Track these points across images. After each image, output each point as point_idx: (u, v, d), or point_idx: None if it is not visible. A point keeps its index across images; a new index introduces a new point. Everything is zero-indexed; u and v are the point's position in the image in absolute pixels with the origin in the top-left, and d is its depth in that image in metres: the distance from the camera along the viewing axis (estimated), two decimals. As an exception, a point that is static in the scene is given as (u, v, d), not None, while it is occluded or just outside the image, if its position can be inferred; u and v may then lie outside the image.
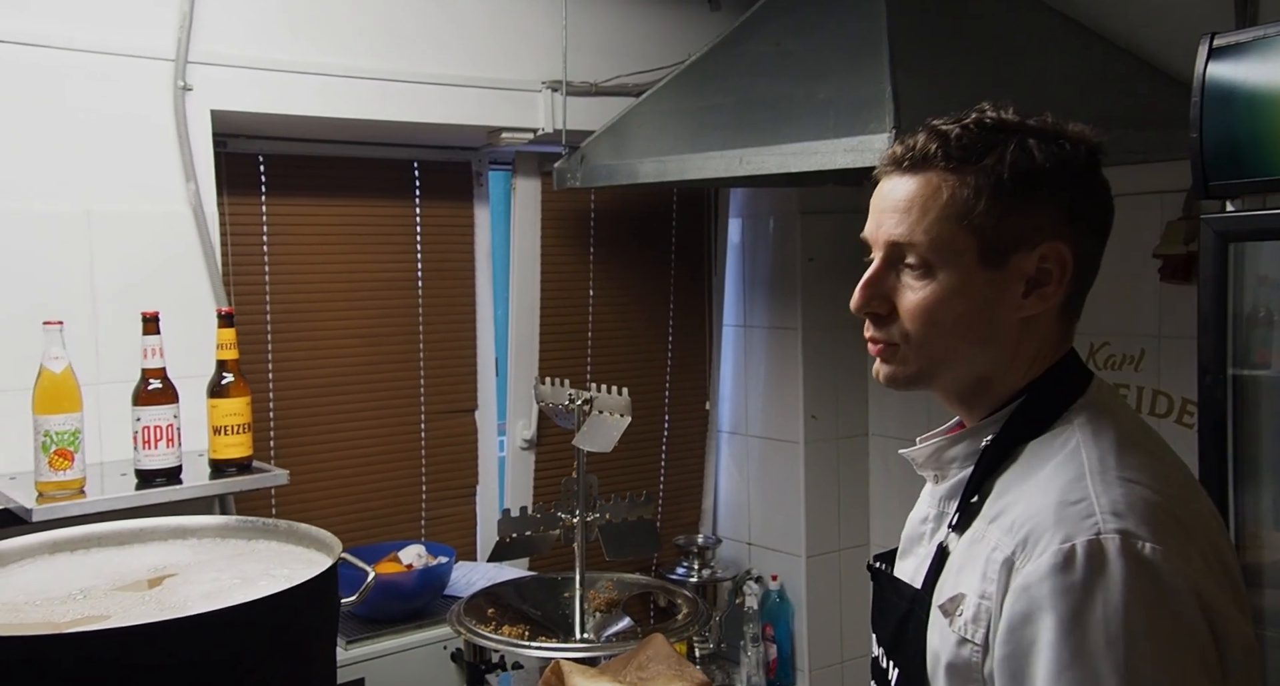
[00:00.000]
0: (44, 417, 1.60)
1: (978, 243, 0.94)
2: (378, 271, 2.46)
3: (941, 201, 0.94)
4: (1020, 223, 0.94)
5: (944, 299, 0.95)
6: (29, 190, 1.79)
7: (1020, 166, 0.93)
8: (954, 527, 0.98)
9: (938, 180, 0.94)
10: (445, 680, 2.28)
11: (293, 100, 2.07)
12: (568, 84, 2.41)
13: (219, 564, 1.24)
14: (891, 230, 0.97)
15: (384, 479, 2.50)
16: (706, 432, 3.02)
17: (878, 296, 0.99)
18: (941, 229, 0.94)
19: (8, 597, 1.09)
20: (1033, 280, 0.95)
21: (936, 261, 0.95)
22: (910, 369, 0.99)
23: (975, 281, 0.94)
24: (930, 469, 1.05)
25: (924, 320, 0.96)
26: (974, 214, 0.93)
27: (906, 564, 1.08)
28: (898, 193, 0.97)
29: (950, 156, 0.94)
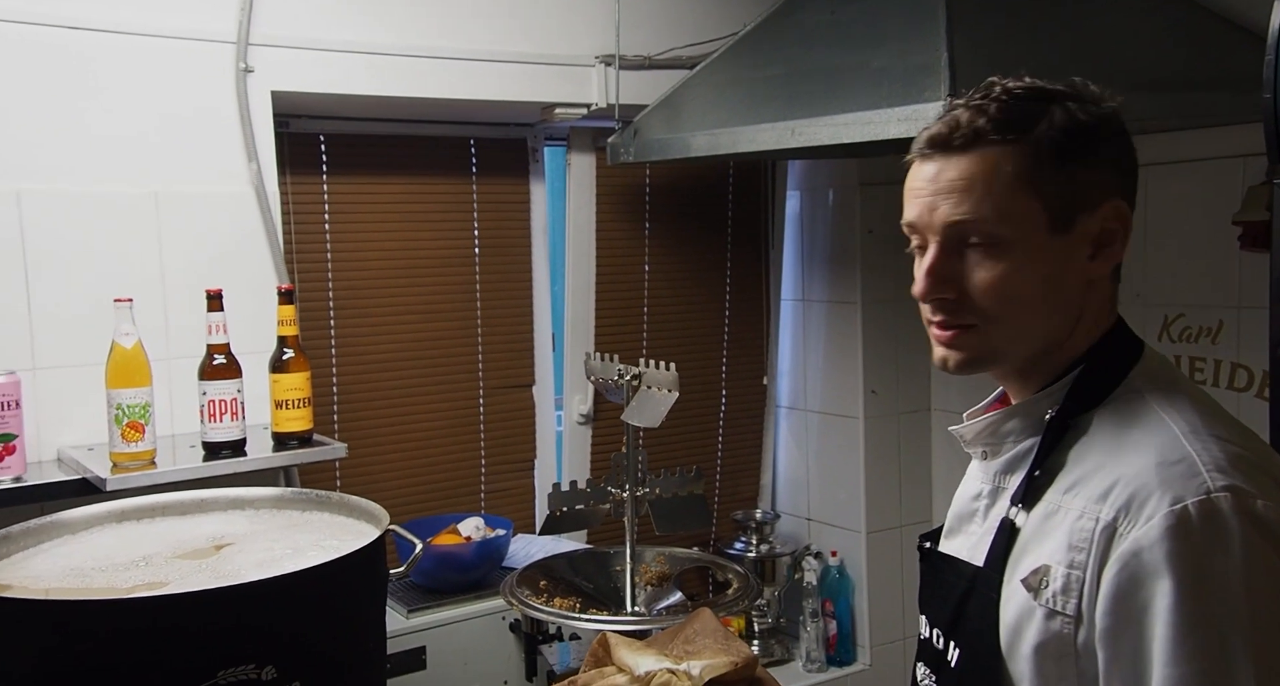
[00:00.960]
0: (116, 391, 1.67)
1: (1045, 210, 0.93)
2: (436, 248, 2.50)
3: (1005, 174, 0.92)
4: (1082, 184, 0.93)
5: (1020, 272, 0.93)
6: (100, 173, 1.86)
7: (1072, 128, 0.93)
8: (1019, 502, 0.96)
9: (995, 154, 0.93)
10: (504, 649, 2.33)
11: (351, 80, 2.11)
12: (621, 58, 2.40)
13: (273, 534, 1.28)
14: (952, 211, 0.94)
15: (444, 452, 2.55)
16: (765, 408, 3.00)
17: (946, 281, 0.96)
18: (1009, 201, 0.92)
19: (76, 563, 1.15)
20: (1097, 241, 0.95)
21: (1008, 235, 0.93)
22: (983, 350, 0.97)
23: (1047, 249, 0.93)
24: (980, 445, 1.03)
25: (1002, 296, 0.94)
26: (1039, 181, 0.92)
27: (957, 542, 1.06)
28: (951, 173, 0.95)
29: (1001, 128, 0.93)
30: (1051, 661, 0.91)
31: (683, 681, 1.38)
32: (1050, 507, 0.94)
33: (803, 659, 2.70)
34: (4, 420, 1.60)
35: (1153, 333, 2.29)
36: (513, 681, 2.33)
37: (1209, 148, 2.19)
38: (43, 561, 1.15)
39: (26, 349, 1.78)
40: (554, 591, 1.96)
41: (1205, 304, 2.24)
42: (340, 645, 1.14)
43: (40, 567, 1.13)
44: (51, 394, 1.80)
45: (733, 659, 1.46)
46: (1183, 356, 2.27)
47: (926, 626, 1.07)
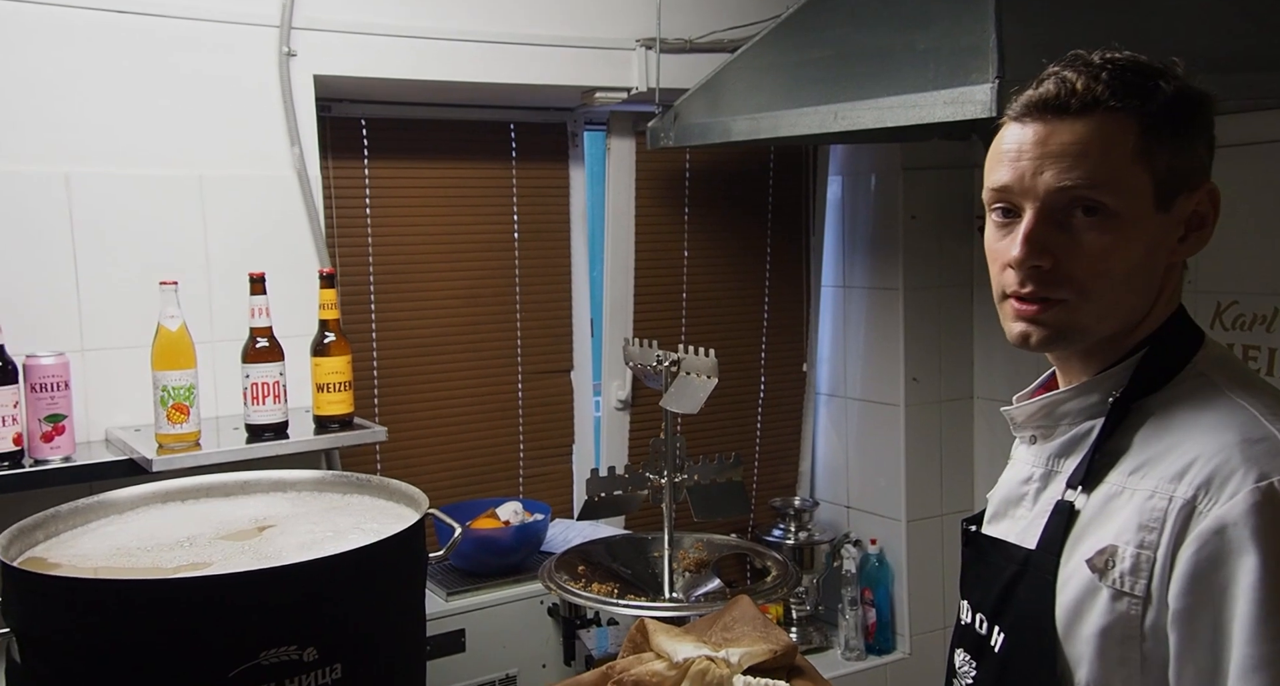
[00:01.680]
0: (161, 373, 1.69)
1: (1154, 184, 0.90)
2: (476, 233, 2.50)
3: (1124, 142, 0.90)
4: (1187, 162, 0.92)
5: (1125, 245, 0.91)
6: (145, 156, 1.88)
7: (1180, 105, 0.91)
8: (1077, 484, 0.94)
9: (1113, 122, 0.90)
10: (542, 633, 2.34)
11: (392, 64, 2.11)
12: (662, 41, 2.38)
13: (314, 516, 1.29)
14: (1063, 175, 0.90)
15: (483, 437, 2.56)
16: (804, 395, 2.98)
17: (1042, 249, 0.92)
18: (1124, 171, 0.90)
19: (122, 543, 1.17)
20: (1190, 223, 0.93)
21: (1117, 206, 0.90)
22: (1073, 324, 0.93)
23: (1149, 226, 0.91)
24: (1032, 428, 1.01)
25: (1104, 269, 0.91)
26: (1153, 154, 0.90)
27: (1003, 526, 1.04)
28: (1064, 137, 0.91)
29: (1121, 95, 0.90)
30: (1115, 644, 0.88)
31: (721, 668, 1.38)
32: (1113, 489, 0.92)
33: (841, 647, 2.69)
34: (53, 400, 1.63)
35: (1205, 319, 2.23)
36: (551, 665, 2.34)
37: (1265, 130, 2.13)
38: (90, 541, 1.17)
39: (75, 330, 1.81)
40: (592, 576, 1.97)
41: (1259, 291, 2.18)
42: (381, 627, 1.15)
43: (88, 547, 1.15)
44: (100, 375, 1.83)
45: (772, 646, 1.45)
46: (1235, 344, 2.21)
47: (968, 611, 1.05)
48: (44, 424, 1.63)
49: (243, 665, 1.02)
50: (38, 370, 1.63)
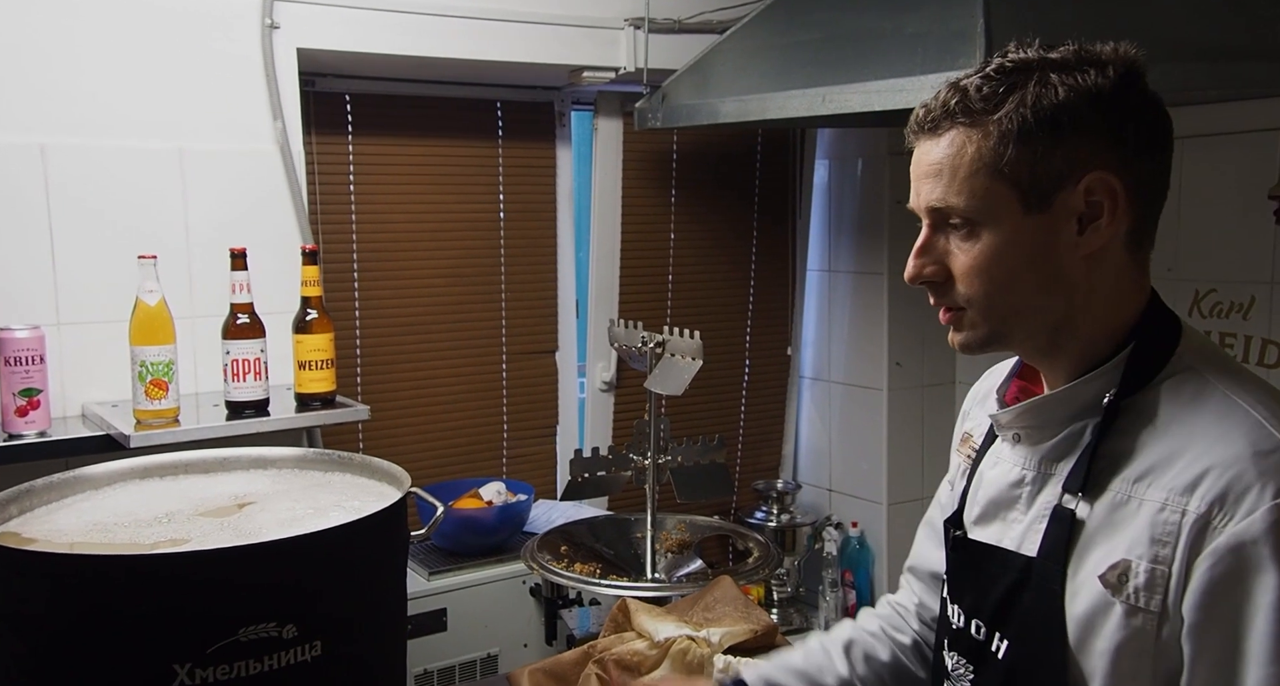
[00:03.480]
0: (140, 348, 1.67)
1: (1016, 191, 0.90)
2: (461, 211, 2.48)
3: (969, 158, 0.91)
4: (1056, 161, 0.89)
5: (995, 255, 0.91)
6: (125, 128, 1.85)
7: (1043, 104, 0.89)
8: (1077, 491, 0.92)
9: (961, 137, 0.91)
10: (524, 613, 2.34)
11: (377, 39, 2.08)
12: (650, 21, 2.36)
13: (295, 494, 1.28)
14: (929, 196, 0.94)
15: (467, 417, 2.56)
16: (788, 378, 2.98)
17: (931, 263, 0.96)
18: (975, 185, 0.91)
19: (99, 518, 1.16)
20: (1084, 215, 0.91)
21: (979, 219, 0.91)
22: (980, 332, 0.96)
23: (1025, 230, 0.91)
24: (1018, 427, 0.99)
25: (980, 280, 0.93)
26: (1005, 163, 0.89)
27: (993, 529, 1.02)
28: (928, 157, 0.94)
29: (970, 109, 0.90)
30: (1129, 658, 0.88)
31: (702, 648, 1.38)
32: (1118, 497, 0.90)
33: (821, 627, 2.71)
34: (28, 374, 1.61)
35: (1184, 307, 2.25)
36: (532, 644, 2.34)
37: (1246, 120, 2.14)
38: (66, 516, 1.16)
39: (51, 304, 1.79)
40: (575, 556, 1.97)
41: (1238, 279, 2.20)
42: (361, 605, 1.14)
43: (64, 522, 1.14)
44: (76, 349, 1.81)
45: (752, 627, 1.45)
46: (1213, 332, 2.23)
47: (960, 615, 1.03)
48: (18, 398, 1.61)
49: (221, 641, 1.01)
50: (12, 343, 1.61)
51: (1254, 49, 1.87)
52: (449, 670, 2.28)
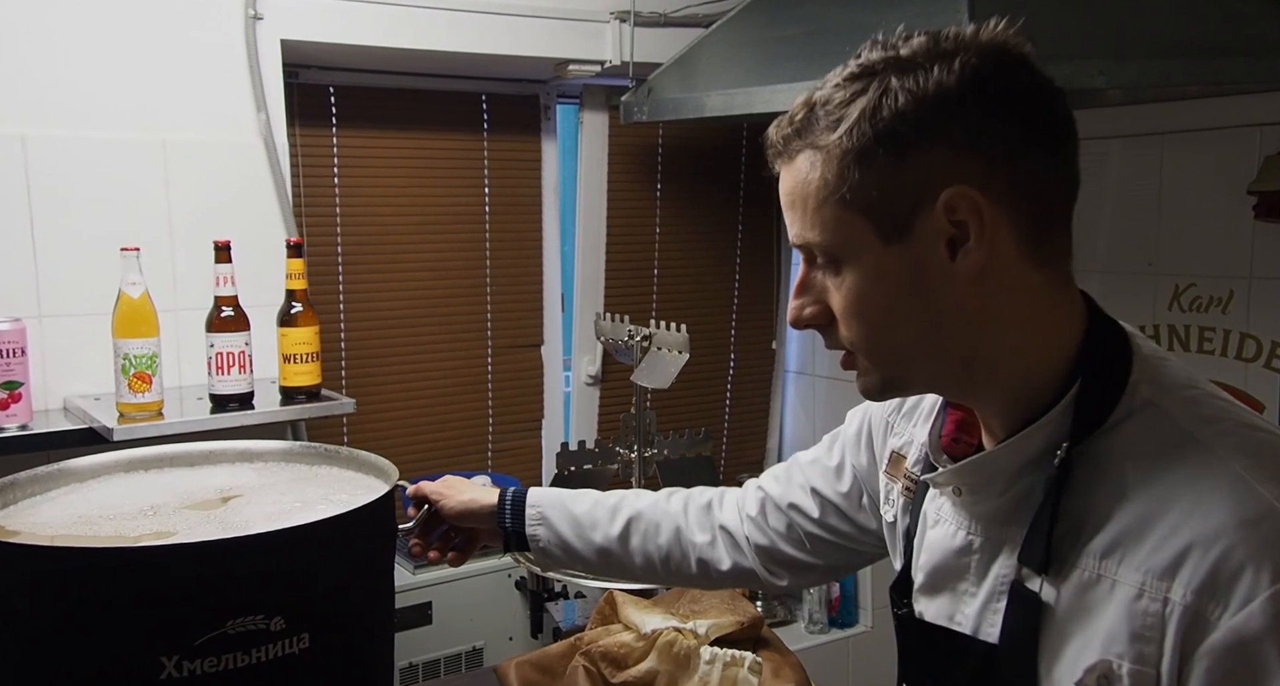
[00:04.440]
0: (123, 341, 1.66)
1: (868, 219, 0.77)
2: (446, 204, 2.47)
3: (814, 186, 0.78)
4: (903, 181, 0.76)
5: (864, 292, 0.79)
6: (107, 119, 1.84)
7: (881, 116, 0.75)
8: (1036, 566, 0.79)
9: (806, 163, 0.79)
10: (509, 606, 2.35)
11: (362, 30, 2.07)
12: (636, 14, 2.36)
13: (282, 487, 1.28)
14: (790, 232, 0.83)
15: (452, 411, 2.55)
16: (773, 372, 2.99)
17: (812, 304, 0.83)
18: (826, 217, 0.78)
19: (84, 511, 1.15)
20: (954, 237, 0.77)
21: (839, 254, 0.79)
22: (874, 378, 0.84)
23: (887, 262, 0.78)
24: (958, 482, 0.85)
25: (855, 321, 0.80)
26: (850, 189, 0.77)
27: (942, 603, 0.88)
28: (784, 185, 0.82)
29: (812, 129, 0.79)
30: None
31: (689, 639, 1.39)
32: (1087, 576, 0.76)
33: (805, 620, 2.72)
34: (9, 367, 1.60)
35: (1163, 302, 2.27)
36: (517, 637, 2.35)
37: (1225, 116, 2.16)
38: (49, 509, 1.15)
39: (32, 296, 1.77)
40: (560, 550, 1.97)
41: (1216, 273, 2.22)
42: (349, 598, 1.14)
43: (47, 515, 1.13)
44: (58, 342, 1.79)
45: (739, 618, 1.46)
46: (1192, 326, 2.25)
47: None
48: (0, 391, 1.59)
49: (208, 634, 1.00)
50: (-6, 336, 1.60)
51: (1234, 44, 1.89)
52: (434, 663, 2.28)
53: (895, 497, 1.01)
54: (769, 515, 1.19)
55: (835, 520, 1.14)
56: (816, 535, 1.16)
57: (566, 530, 1.24)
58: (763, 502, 1.20)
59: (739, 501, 1.23)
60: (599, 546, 1.23)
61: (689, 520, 1.22)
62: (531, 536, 1.26)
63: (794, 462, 1.20)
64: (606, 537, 1.22)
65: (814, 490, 1.15)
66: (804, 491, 1.16)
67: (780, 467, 1.22)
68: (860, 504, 1.12)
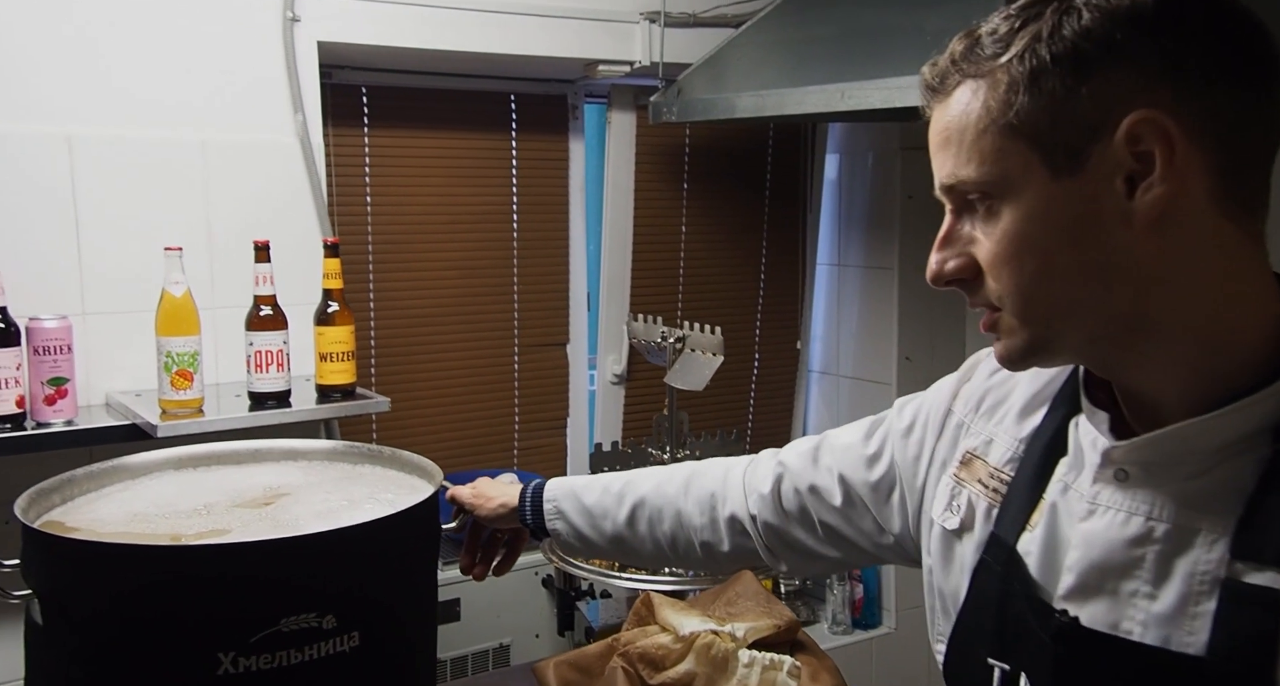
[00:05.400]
0: (166, 339, 1.68)
1: (1037, 149, 0.70)
2: (474, 203, 2.49)
3: (973, 116, 0.72)
4: (1080, 106, 0.69)
5: (1022, 233, 0.72)
6: (151, 119, 1.86)
7: (1061, 36, 0.69)
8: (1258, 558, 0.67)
9: (966, 93, 0.73)
10: (536, 604, 2.36)
11: (397, 32, 2.09)
12: (666, 15, 2.37)
13: (327, 486, 1.29)
14: (940, 170, 0.76)
15: (479, 408, 2.57)
16: (797, 372, 3.00)
17: (955, 256, 0.77)
18: (983, 148, 0.72)
19: (139, 509, 1.17)
20: (1134, 172, 0.69)
21: (996, 190, 0.72)
22: (1019, 339, 0.75)
23: (1054, 199, 0.71)
24: (1134, 461, 0.75)
25: (1008, 269, 0.73)
26: (1014, 114, 0.70)
27: (1107, 607, 0.75)
28: (937, 123, 0.76)
29: (973, 58, 0.73)
30: None
31: (726, 642, 1.40)
32: None
33: (829, 621, 2.73)
34: (56, 363, 1.62)
35: None
36: (544, 635, 2.37)
37: None
38: (106, 506, 1.17)
39: (76, 294, 1.79)
40: (591, 549, 1.98)
41: None
42: (397, 596, 1.16)
43: (104, 512, 1.15)
44: (100, 339, 1.82)
45: (776, 621, 1.47)
46: None
47: None
48: (46, 387, 1.62)
49: (264, 631, 1.02)
50: (41, 333, 1.62)
51: None
52: (462, 659, 2.30)
53: (964, 503, 0.90)
54: (784, 495, 1.13)
55: (856, 511, 1.07)
56: (831, 525, 1.09)
57: (580, 522, 1.26)
58: (779, 480, 1.13)
59: (747, 478, 1.18)
60: (611, 535, 1.24)
61: (689, 504, 1.20)
62: (552, 530, 1.28)
63: (825, 443, 1.12)
64: (616, 525, 1.23)
65: (841, 476, 1.07)
66: (830, 475, 1.09)
67: (807, 444, 1.14)
68: (889, 499, 1.04)
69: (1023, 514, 0.83)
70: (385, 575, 1.14)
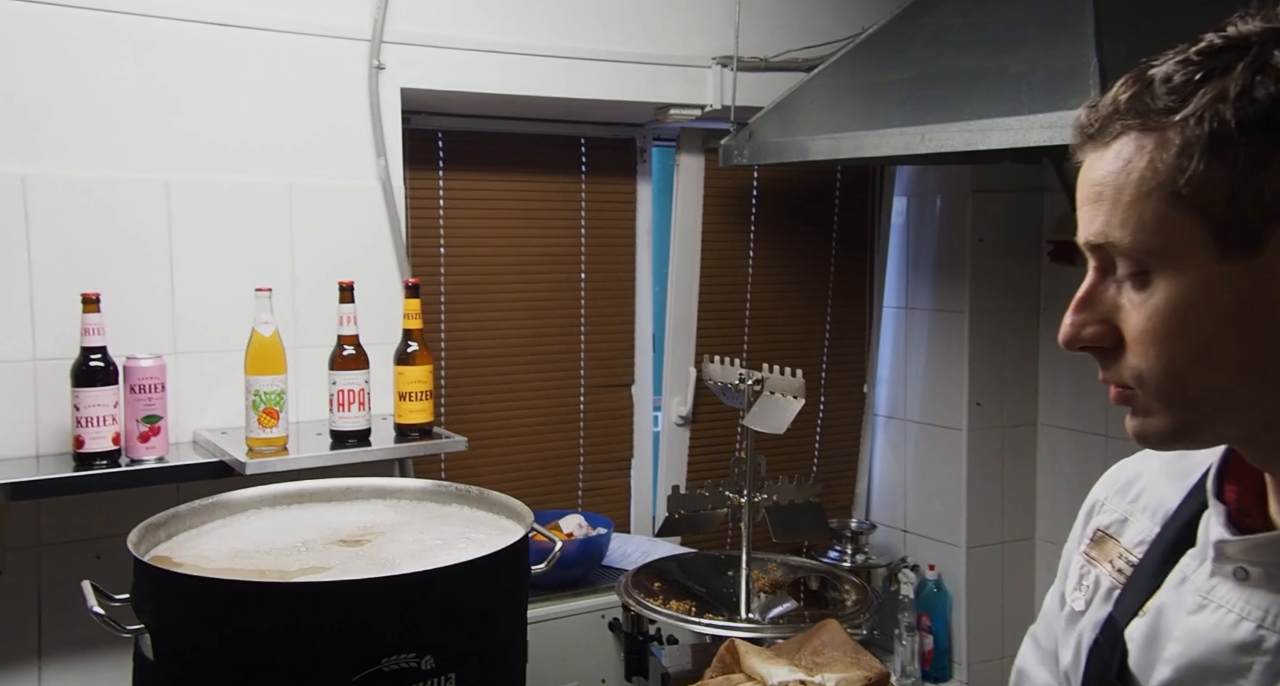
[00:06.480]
0: (254, 378, 1.70)
1: (1207, 223, 0.64)
2: (544, 245, 2.51)
3: (1138, 175, 0.65)
4: (1270, 181, 0.62)
5: (1177, 314, 0.65)
6: (240, 165, 1.91)
7: (1254, 96, 0.62)
8: None
9: (1130, 147, 0.66)
10: (603, 648, 2.33)
11: (476, 78, 2.13)
12: (739, 59, 2.39)
13: (419, 525, 1.30)
14: (1087, 228, 0.69)
15: (545, 449, 2.57)
16: (863, 416, 2.96)
17: (1096, 322, 0.70)
18: (1145, 213, 0.65)
19: (239, 546, 1.18)
20: None
21: (1152, 262, 0.66)
22: (1159, 422, 0.69)
23: (1220, 280, 0.64)
24: (1253, 561, 0.70)
25: (1156, 349, 0.67)
26: (1188, 181, 0.63)
27: None
28: (1091, 174, 0.69)
29: (1144, 108, 0.65)
30: None
31: (817, 691, 1.37)
32: None
33: (897, 673, 2.66)
34: (150, 402, 1.65)
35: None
36: (610, 679, 2.33)
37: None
38: (208, 542, 1.18)
39: (169, 333, 1.83)
40: (668, 593, 1.96)
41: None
42: (491, 639, 1.15)
43: (206, 548, 1.16)
44: (188, 378, 1.85)
45: (866, 673, 1.43)
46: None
47: None
48: (141, 424, 1.65)
49: (366, 670, 1.02)
50: (137, 371, 1.65)
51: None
52: (530, 704, 2.27)
53: (1091, 583, 0.85)
54: None
55: None
56: None
57: None
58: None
59: None
60: None
61: None
62: None
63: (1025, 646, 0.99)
64: None
65: None
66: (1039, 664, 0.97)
67: None
68: None
69: (1140, 599, 0.78)
70: (481, 616, 1.14)
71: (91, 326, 1.63)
